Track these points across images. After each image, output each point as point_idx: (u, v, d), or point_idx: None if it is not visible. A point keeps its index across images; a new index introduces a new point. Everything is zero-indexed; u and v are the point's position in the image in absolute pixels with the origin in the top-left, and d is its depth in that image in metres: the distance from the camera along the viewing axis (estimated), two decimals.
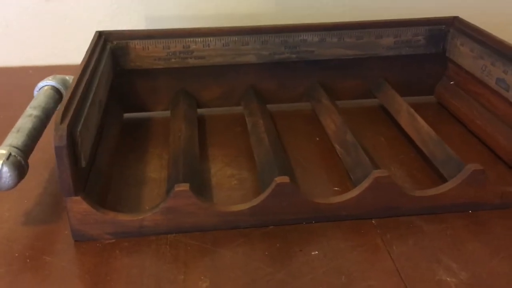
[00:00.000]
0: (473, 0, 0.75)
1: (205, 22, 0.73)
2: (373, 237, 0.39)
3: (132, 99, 0.57)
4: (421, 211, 0.41)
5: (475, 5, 0.74)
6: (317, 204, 0.40)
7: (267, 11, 0.73)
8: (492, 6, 0.76)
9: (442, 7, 0.73)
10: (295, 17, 0.72)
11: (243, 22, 0.70)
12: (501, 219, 0.40)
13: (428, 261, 0.36)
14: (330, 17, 0.72)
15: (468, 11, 0.62)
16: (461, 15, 0.58)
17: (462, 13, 0.58)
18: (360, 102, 0.61)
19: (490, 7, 0.76)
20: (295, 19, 0.61)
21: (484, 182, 0.40)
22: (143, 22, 0.73)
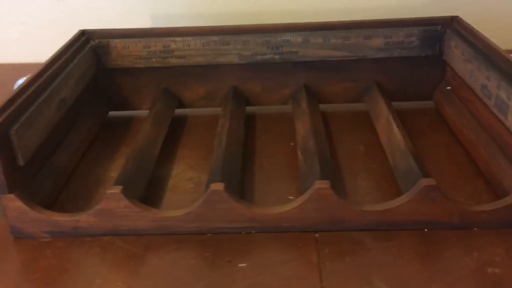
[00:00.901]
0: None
1: (209, 20, 0.72)
2: (310, 251, 0.36)
3: (116, 98, 0.58)
4: (371, 227, 0.38)
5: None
6: (254, 214, 0.38)
7: (272, 8, 0.71)
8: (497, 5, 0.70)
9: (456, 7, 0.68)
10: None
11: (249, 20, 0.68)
12: (456, 241, 0.37)
13: (358, 281, 0.34)
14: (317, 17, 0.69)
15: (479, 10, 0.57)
16: (471, 15, 0.53)
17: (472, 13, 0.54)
18: (351, 106, 0.58)
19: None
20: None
21: (439, 199, 0.37)
22: (148, 21, 0.74)
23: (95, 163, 0.49)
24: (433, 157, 0.47)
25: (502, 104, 0.40)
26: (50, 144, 0.45)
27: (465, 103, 0.50)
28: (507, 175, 0.40)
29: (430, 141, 0.50)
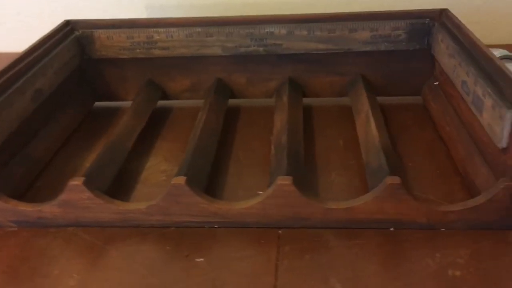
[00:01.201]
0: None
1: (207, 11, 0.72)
2: (270, 248, 0.36)
3: (101, 88, 0.58)
4: (335, 225, 0.37)
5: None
6: (217, 209, 0.37)
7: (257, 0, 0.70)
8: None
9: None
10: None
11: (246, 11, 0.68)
12: (421, 241, 0.36)
13: (314, 280, 0.33)
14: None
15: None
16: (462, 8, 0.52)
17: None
18: (338, 101, 0.56)
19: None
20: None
21: (404, 197, 0.36)
22: (144, 11, 0.74)
23: (74, 154, 0.49)
24: (414, 154, 0.46)
25: (478, 101, 0.39)
26: (24, 134, 0.45)
27: (450, 99, 0.48)
28: (480, 174, 0.39)
29: (414, 137, 0.49)
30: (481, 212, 0.36)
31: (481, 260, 0.34)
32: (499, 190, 0.35)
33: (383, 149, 0.41)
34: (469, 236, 0.36)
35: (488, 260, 0.34)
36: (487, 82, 0.38)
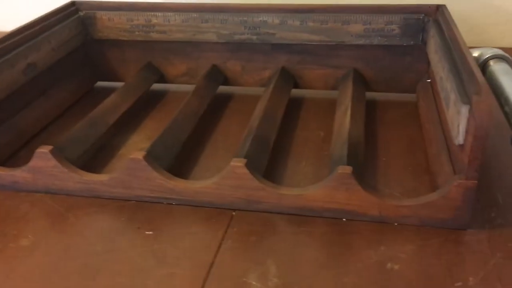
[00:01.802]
0: None
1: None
2: (219, 228, 0.36)
3: (104, 68, 0.60)
4: (289, 211, 0.37)
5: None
6: (174, 186, 0.38)
7: None
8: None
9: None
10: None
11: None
12: (370, 234, 0.35)
13: (250, 262, 0.33)
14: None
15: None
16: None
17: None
18: (331, 94, 0.56)
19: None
20: None
21: (354, 188, 0.35)
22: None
23: (64, 128, 0.51)
24: (391, 150, 0.45)
25: (447, 96, 0.38)
26: (15, 105, 0.47)
27: (435, 97, 0.47)
28: (443, 172, 0.38)
29: (397, 134, 0.48)
30: (434, 209, 0.35)
31: (424, 257, 0.33)
32: (452, 188, 0.34)
33: (349, 141, 0.40)
34: (420, 232, 0.35)
35: (431, 257, 0.33)
36: (456, 78, 0.37)
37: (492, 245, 0.34)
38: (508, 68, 0.45)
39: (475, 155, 0.33)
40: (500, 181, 0.40)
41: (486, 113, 0.32)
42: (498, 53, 0.47)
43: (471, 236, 0.35)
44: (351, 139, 0.41)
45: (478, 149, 0.32)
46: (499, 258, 0.33)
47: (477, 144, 0.32)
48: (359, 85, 0.52)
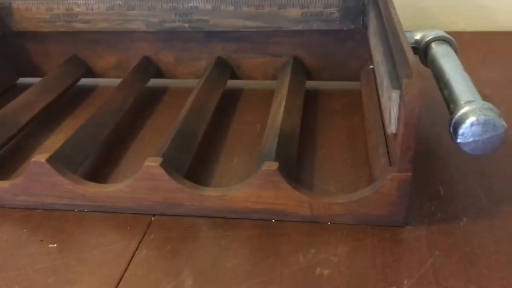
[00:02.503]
0: None
1: None
2: (135, 236, 0.33)
3: (26, 63, 0.55)
4: (213, 214, 0.34)
5: None
6: (84, 191, 0.34)
7: None
8: None
9: None
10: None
11: None
12: (301, 235, 0.32)
13: (165, 273, 0.29)
14: None
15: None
16: None
17: None
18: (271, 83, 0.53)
19: None
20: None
21: (282, 185, 0.32)
22: None
23: None
24: (330, 142, 0.42)
25: (381, 82, 0.35)
26: None
27: (376, 83, 0.44)
28: (379, 165, 0.35)
29: (338, 124, 0.45)
30: (369, 205, 0.32)
31: (357, 260, 0.30)
32: (385, 182, 0.31)
33: (280, 134, 0.37)
34: (355, 231, 0.32)
35: (365, 260, 0.30)
36: (388, 62, 0.34)
37: (430, 243, 0.31)
38: (449, 50, 0.42)
39: (408, 145, 0.30)
40: (443, 172, 0.38)
41: (416, 98, 0.28)
42: (440, 35, 0.44)
43: (408, 234, 0.32)
44: (283, 132, 0.37)
45: (410, 137, 0.29)
46: (437, 256, 0.30)
47: (409, 132, 0.29)
48: (298, 74, 0.49)
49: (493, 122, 0.30)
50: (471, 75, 0.53)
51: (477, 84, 0.52)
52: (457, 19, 0.66)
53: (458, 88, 0.35)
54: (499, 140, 0.31)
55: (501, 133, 0.31)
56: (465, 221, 0.33)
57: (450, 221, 0.33)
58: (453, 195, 0.35)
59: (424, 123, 0.44)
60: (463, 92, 0.34)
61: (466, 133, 0.31)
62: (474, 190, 0.35)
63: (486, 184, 0.36)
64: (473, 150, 0.31)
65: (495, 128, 0.31)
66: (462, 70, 0.38)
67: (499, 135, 0.31)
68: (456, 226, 0.32)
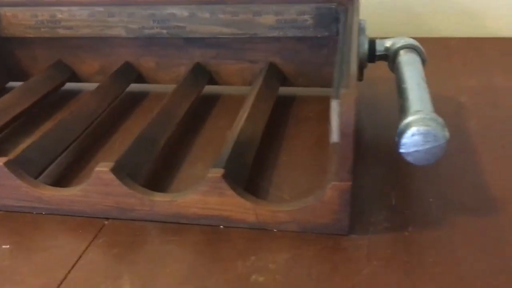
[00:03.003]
0: None
1: None
2: (84, 239, 0.33)
3: (14, 67, 0.57)
4: (164, 219, 0.34)
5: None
6: (41, 194, 0.35)
7: None
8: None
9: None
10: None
11: None
12: (245, 242, 0.32)
13: (105, 277, 0.30)
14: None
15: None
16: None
17: None
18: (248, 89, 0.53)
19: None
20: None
21: (227, 192, 0.32)
22: None
23: None
24: (297, 149, 0.42)
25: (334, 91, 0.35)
26: None
27: None
28: (330, 173, 0.35)
29: (307, 131, 0.45)
30: (313, 214, 0.32)
31: (294, 267, 0.30)
32: (327, 191, 0.31)
33: (237, 140, 0.37)
34: (299, 239, 0.32)
35: (302, 268, 0.30)
36: (338, 71, 0.34)
37: (370, 252, 0.31)
38: (415, 59, 0.42)
39: (345, 155, 0.30)
40: (399, 180, 0.38)
41: (352, 108, 0.29)
42: (409, 43, 0.44)
43: (350, 243, 0.32)
44: (240, 139, 0.38)
45: (347, 147, 0.29)
46: (374, 266, 0.30)
47: (345, 142, 0.29)
48: (271, 80, 0.49)
49: (434, 133, 0.30)
50: (452, 82, 0.53)
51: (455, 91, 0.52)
52: (447, 25, 0.66)
53: (411, 97, 0.35)
54: (441, 151, 0.31)
55: (442, 144, 0.31)
56: (410, 231, 0.33)
57: (395, 231, 0.33)
58: (405, 204, 0.35)
59: (384, 131, 0.44)
60: (415, 101, 0.34)
61: (408, 143, 0.31)
62: (426, 200, 0.35)
63: (441, 193, 0.36)
64: (416, 160, 0.31)
65: (436, 139, 0.30)
66: (421, 80, 0.38)
67: (440, 146, 0.31)
68: (400, 236, 0.32)
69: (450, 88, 0.51)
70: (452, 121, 0.45)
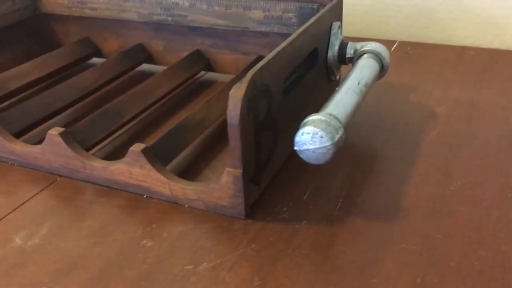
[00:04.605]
0: None
1: None
2: (34, 190, 0.40)
3: (50, 40, 0.65)
4: (101, 182, 0.40)
5: None
6: (13, 148, 0.42)
7: None
8: None
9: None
10: None
11: None
12: (155, 212, 0.36)
13: (32, 221, 0.36)
14: None
15: None
16: None
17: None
18: None
19: None
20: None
21: (146, 166, 0.37)
22: None
23: None
24: None
25: None
26: None
27: None
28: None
29: None
30: (214, 195, 0.35)
31: (183, 239, 0.34)
32: (223, 176, 0.34)
33: (180, 123, 0.42)
34: (201, 216, 0.36)
35: (189, 240, 0.34)
36: None
37: (255, 237, 0.34)
38: (369, 65, 0.42)
39: (234, 144, 0.33)
40: (322, 177, 0.39)
41: (237, 101, 0.31)
42: (373, 49, 0.44)
43: (242, 226, 0.35)
44: (184, 122, 0.42)
45: (234, 137, 0.32)
46: (249, 249, 0.33)
47: (232, 133, 0.32)
48: None
49: (320, 134, 0.32)
50: (441, 92, 0.54)
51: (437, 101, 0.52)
52: (466, 33, 0.64)
53: (333, 100, 0.37)
54: (328, 152, 0.32)
55: (328, 146, 0.32)
56: (303, 224, 0.35)
57: (289, 222, 0.35)
58: (315, 199, 0.37)
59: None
60: (331, 104, 0.36)
61: (299, 142, 0.33)
62: (336, 199, 0.37)
63: (355, 196, 0.37)
64: (307, 158, 0.33)
65: (322, 140, 0.32)
66: (356, 85, 0.39)
67: (326, 148, 0.32)
68: (291, 227, 0.34)
69: (434, 97, 0.51)
70: (411, 129, 0.45)
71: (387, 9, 0.66)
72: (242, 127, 0.32)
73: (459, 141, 0.43)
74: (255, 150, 0.35)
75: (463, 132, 0.45)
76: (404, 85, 0.54)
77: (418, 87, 0.53)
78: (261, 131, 0.35)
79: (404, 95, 0.52)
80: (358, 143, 0.44)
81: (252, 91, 0.33)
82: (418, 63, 0.59)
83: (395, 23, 0.67)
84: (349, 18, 0.69)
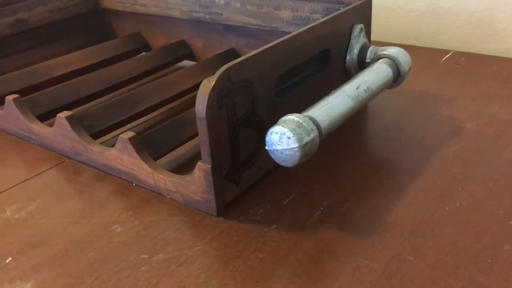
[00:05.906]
0: None
1: None
2: (40, 168, 0.42)
3: (107, 33, 0.69)
4: (99, 166, 0.41)
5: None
6: (32, 128, 0.45)
7: None
8: None
9: None
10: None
11: None
12: (137, 199, 0.37)
13: (28, 197, 0.38)
14: None
15: None
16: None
17: None
18: None
19: None
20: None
21: (133, 154, 0.37)
22: None
23: None
24: None
25: None
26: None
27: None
28: None
29: None
30: (189, 189, 0.35)
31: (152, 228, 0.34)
32: (195, 170, 0.34)
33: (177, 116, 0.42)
34: (177, 209, 0.36)
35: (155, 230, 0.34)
36: None
37: (220, 235, 0.33)
38: (379, 71, 0.40)
39: (202, 138, 0.32)
40: (309, 182, 0.37)
41: (205, 96, 0.31)
42: (391, 54, 0.41)
43: (211, 222, 0.34)
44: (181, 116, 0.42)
45: (203, 132, 0.32)
46: (208, 247, 0.32)
47: (201, 126, 0.32)
48: None
49: (288, 135, 0.31)
50: (482, 107, 0.50)
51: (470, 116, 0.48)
52: None
53: (322, 102, 0.35)
54: (295, 155, 0.31)
55: (295, 149, 0.31)
56: (272, 228, 0.33)
57: (259, 224, 0.34)
58: (295, 205, 0.35)
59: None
60: (316, 107, 0.34)
61: (268, 141, 0.32)
62: (317, 207, 0.35)
63: (337, 204, 0.35)
64: (277, 159, 0.32)
65: (289, 142, 0.31)
66: (353, 89, 0.37)
67: (294, 150, 0.31)
68: (259, 230, 0.33)
69: (469, 112, 0.46)
70: (428, 143, 0.42)
71: (443, 16, 0.62)
72: (210, 121, 0.32)
73: (478, 160, 0.39)
74: (232, 147, 0.34)
75: (485, 151, 0.40)
76: (440, 97, 0.50)
77: (456, 100, 0.49)
78: (240, 128, 0.34)
79: (436, 107, 0.48)
80: (366, 151, 0.41)
81: (226, 86, 0.32)
82: (466, 75, 0.54)
83: (451, 31, 0.62)
84: (403, 25, 0.66)
